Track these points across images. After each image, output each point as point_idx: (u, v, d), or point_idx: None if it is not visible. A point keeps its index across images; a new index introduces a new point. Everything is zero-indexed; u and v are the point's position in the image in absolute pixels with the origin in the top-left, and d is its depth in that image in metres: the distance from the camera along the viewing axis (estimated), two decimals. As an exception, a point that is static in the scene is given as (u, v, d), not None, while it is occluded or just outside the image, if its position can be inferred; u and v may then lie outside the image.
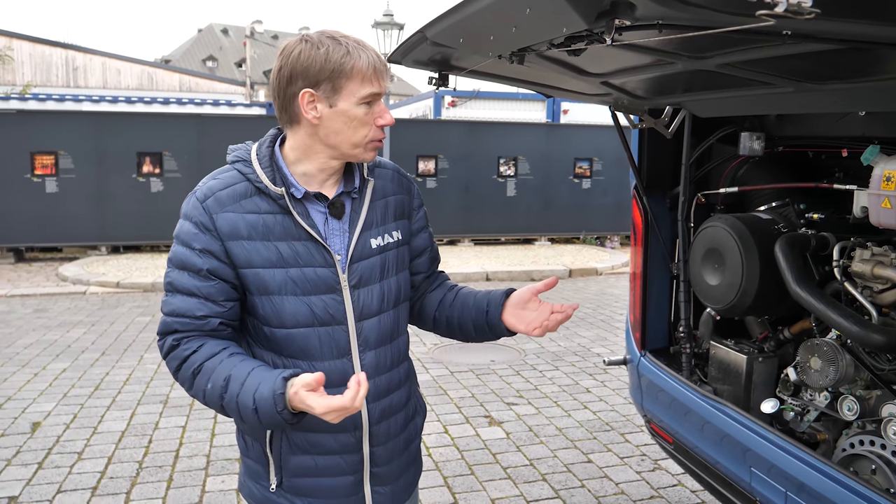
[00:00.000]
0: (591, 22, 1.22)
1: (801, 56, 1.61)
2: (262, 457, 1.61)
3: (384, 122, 1.52)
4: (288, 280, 1.50)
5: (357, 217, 1.58)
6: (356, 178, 1.60)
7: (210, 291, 1.48)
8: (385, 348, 1.63)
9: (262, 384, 1.40)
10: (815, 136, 2.55)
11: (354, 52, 1.44)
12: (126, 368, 5.73)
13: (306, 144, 1.52)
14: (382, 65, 1.48)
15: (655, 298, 3.02)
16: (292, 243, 1.50)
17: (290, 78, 1.46)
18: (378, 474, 1.66)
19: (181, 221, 1.51)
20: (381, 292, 1.61)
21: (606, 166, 13.42)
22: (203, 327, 1.49)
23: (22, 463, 3.92)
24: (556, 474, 3.85)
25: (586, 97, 2.60)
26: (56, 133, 11.11)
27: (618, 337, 6.93)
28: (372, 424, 1.61)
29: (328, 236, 1.54)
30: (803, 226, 2.48)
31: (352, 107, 1.46)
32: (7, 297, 8.76)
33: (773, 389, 2.53)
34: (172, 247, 1.52)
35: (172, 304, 1.50)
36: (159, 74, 26.74)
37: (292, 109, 1.48)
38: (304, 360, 1.54)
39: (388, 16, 15.28)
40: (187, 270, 1.49)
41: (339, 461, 1.60)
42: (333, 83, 1.44)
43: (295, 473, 1.60)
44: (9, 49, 22.98)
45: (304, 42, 1.46)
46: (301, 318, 1.52)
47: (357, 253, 1.56)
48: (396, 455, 1.71)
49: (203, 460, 3.99)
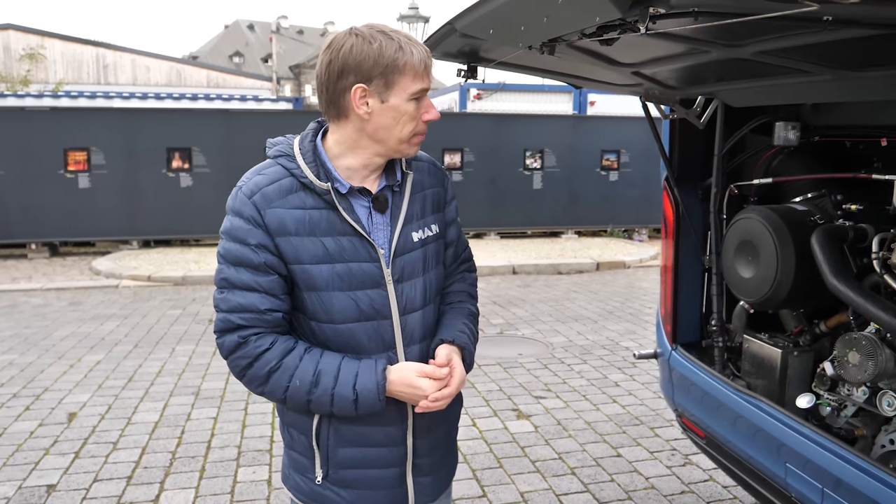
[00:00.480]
0: (626, 10, 1.20)
1: (840, 43, 1.57)
2: (308, 449, 1.62)
3: (430, 117, 1.52)
4: (334, 275, 1.50)
5: (398, 211, 1.57)
6: (397, 172, 1.59)
7: (271, 285, 1.49)
8: (428, 342, 1.64)
9: (361, 376, 1.49)
10: (852, 126, 2.49)
11: (407, 48, 1.43)
12: (158, 360, 5.82)
13: (353, 139, 1.51)
14: (430, 60, 1.48)
15: (687, 291, 2.98)
16: (338, 238, 1.50)
17: (341, 72, 1.44)
18: (420, 465, 1.67)
19: (230, 217, 1.50)
20: (423, 286, 1.61)
21: (634, 158, 13.29)
22: (268, 321, 1.50)
23: (59, 452, 4.01)
24: (585, 468, 3.83)
25: (616, 88, 2.57)
26: (88, 130, 11.29)
27: (646, 330, 6.87)
28: (416, 416, 1.62)
29: (372, 231, 1.54)
30: (840, 217, 2.42)
31: (402, 102, 1.46)
32: (43, 290, 8.94)
33: (808, 384, 2.48)
34: (222, 243, 1.51)
35: (232, 301, 1.50)
36: (187, 71, 27.06)
37: (342, 103, 1.47)
38: (350, 354, 1.55)
39: (414, 9, 15.28)
40: (244, 266, 1.48)
41: (385, 453, 1.61)
42: (386, 79, 1.43)
43: (342, 465, 1.60)
44: (41, 48, 23.40)
45: (355, 36, 1.43)
46: (348, 313, 1.52)
47: (400, 247, 1.56)
48: (437, 446, 1.72)
49: (234, 451, 4.04)
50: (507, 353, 6.08)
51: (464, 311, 1.73)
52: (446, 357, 1.58)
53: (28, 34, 24.57)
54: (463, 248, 1.82)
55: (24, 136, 10.98)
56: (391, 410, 1.57)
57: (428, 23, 15.40)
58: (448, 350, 1.60)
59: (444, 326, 1.66)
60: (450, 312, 1.71)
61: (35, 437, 4.22)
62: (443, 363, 1.56)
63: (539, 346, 6.32)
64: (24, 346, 6.25)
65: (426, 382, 1.51)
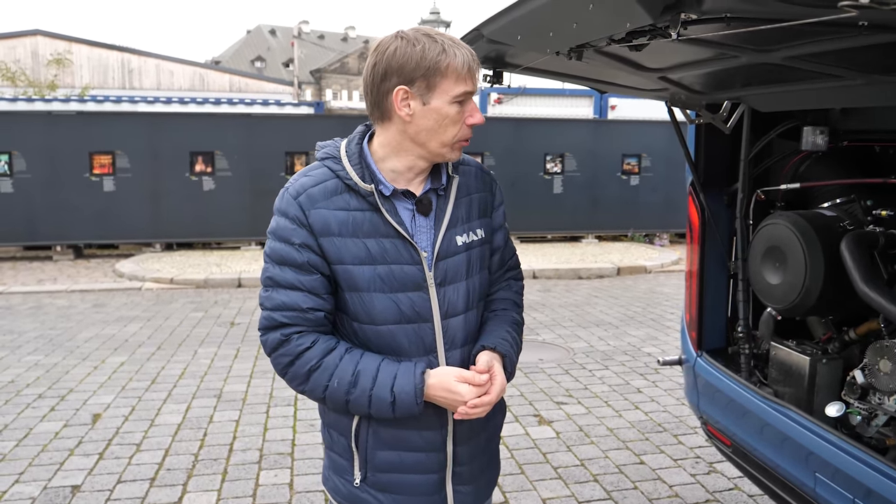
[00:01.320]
0: (657, 16, 1.19)
1: (873, 47, 1.55)
2: (347, 451, 1.62)
3: (474, 121, 1.51)
4: (376, 277, 1.50)
5: (443, 214, 1.57)
6: (443, 176, 1.60)
7: (314, 284, 1.50)
8: (470, 347, 1.63)
9: (399, 378, 1.49)
10: (882, 130, 2.45)
11: (450, 50, 1.43)
12: (181, 363, 5.87)
13: (396, 141, 1.52)
14: (476, 63, 1.48)
15: (712, 297, 2.95)
16: (380, 240, 1.51)
17: (384, 74, 1.45)
18: (460, 473, 1.66)
19: (276, 218, 1.53)
20: (466, 290, 1.60)
21: (655, 163, 13.20)
22: (310, 320, 1.51)
23: (84, 453, 4.05)
24: (607, 475, 3.80)
25: (642, 92, 2.55)
26: (113, 133, 11.45)
27: (668, 336, 6.82)
28: (456, 423, 1.61)
29: (415, 233, 1.55)
30: (870, 223, 2.39)
31: (444, 105, 1.46)
32: (68, 292, 9.07)
33: (837, 392, 2.44)
34: (268, 243, 1.54)
35: (276, 299, 1.51)
36: (210, 75, 27.32)
37: (385, 106, 1.48)
38: (391, 356, 1.55)
39: (435, 13, 15.32)
40: (288, 265, 1.50)
41: (424, 458, 1.61)
42: (428, 81, 1.44)
43: (380, 469, 1.60)
44: (68, 53, 23.75)
45: (400, 39, 1.45)
46: (389, 315, 1.52)
47: (443, 250, 1.56)
48: (478, 454, 1.71)
49: (256, 454, 4.06)
50: (527, 357, 6.05)
51: (508, 318, 1.72)
52: (487, 364, 1.56)
53: (56, 40, 24.96)
54: (510, 254, 1.81)
55: (51, 139, 11.18)
56: (430, 415, 1.57)
57: (449, 27, 15.45)
58: (489, 357, 1.59)
59: (486, 333, 1.66)
60: (493, 320, 1.70)
61: (60, 437, 4.28)
62: (483, 370, 1.55)
63: (560, 351, 6.29)
64: (49, 347, 6.34)
65: (465, 388, 1.50)
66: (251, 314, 7.73)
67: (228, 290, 9.30)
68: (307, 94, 44.59)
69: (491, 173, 1.76)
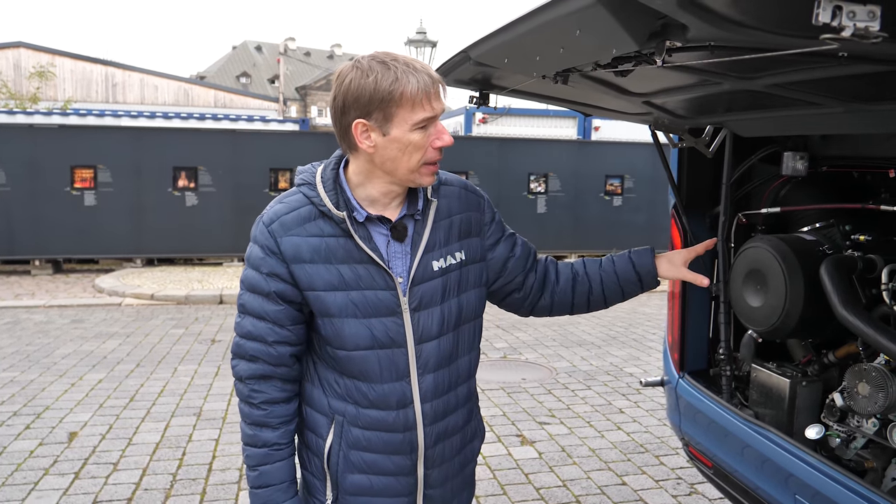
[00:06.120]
0: (643, 43, 1.21)
1: (852, 77, 1.58)
2: (320, 472, 1.63)
3: (441, 143, 1.50)
4: (349, 303, 1.51)
5: (419, 239, 1.57)
6: (419, 200, 1.59)
7: (277, 316, 1.53)
8: (443, 371, 1.63)
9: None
10: (860, 157, 2.50)
11: (403, 78, 1.41)
12: (160, 380, 5.80)
13: (367, 170, 1.52)
14: (434, 86, 1.45)
15: (694, 319, 2.97)
16: (354, 266, 1.51)
17: (343, 108, 1.46)
18: (432, 496, 1.66)
19: (250, 245, 1.55)
20: (441, 315, 1.60)
21: (638, 184, 13.34)
22: (273, 356, 1.55)
23: (59, 473, 3.98)
24: (589, 496, 3.79)
25: (626, 116, 2.58)
26: (95, 147, 11.37)
27: (650, 357, 6.84)
28: (427, 448, 1.61)
29: (390, 259, 1.54)
30: (849, 247, 2.43)
31: (405, 133, 1.44)
32: (46, 307, 8.94)
33: (816, 414, 2.47)
34: (244, 269, 1.57)
35: (244, 327, 1.56)
36: (195, 90, 27.29)
37: (349, 139, 1.48)
38: (364, 381, 1.56)
39: (422, 33, 15.42)
40: (256, 293, 1.53)
41: (394, 482, 1.61)
42: (384, 112, 1.42)
43: (350, 491, 1.61)
44: (51, 65, 23.62)
45: (355, 69, 1.44)
46: (361, 341, 1.53)
47: (418, 276, 1.55)
48: (451, 477, 1.71)
49: (236, 474, 4.01)
50: (510, 377, 6.05)
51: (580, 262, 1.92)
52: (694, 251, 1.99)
53: (39, 52, 24.84)
54: (527, 252, 1.84)
55: (32, 152, 11.07)
56: (401, 440, 1.58)
57: (435, 47, 15.54)
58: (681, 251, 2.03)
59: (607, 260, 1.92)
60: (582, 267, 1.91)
61: (35, 456, 4.20)
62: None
63: (543, 370, 6.29)
64: (26, 363, 6.24)
65: None
66: (232, 332, 7.65)
67: (210, 306, 9.22)
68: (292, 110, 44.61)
69: (478, 190, 1.75)
